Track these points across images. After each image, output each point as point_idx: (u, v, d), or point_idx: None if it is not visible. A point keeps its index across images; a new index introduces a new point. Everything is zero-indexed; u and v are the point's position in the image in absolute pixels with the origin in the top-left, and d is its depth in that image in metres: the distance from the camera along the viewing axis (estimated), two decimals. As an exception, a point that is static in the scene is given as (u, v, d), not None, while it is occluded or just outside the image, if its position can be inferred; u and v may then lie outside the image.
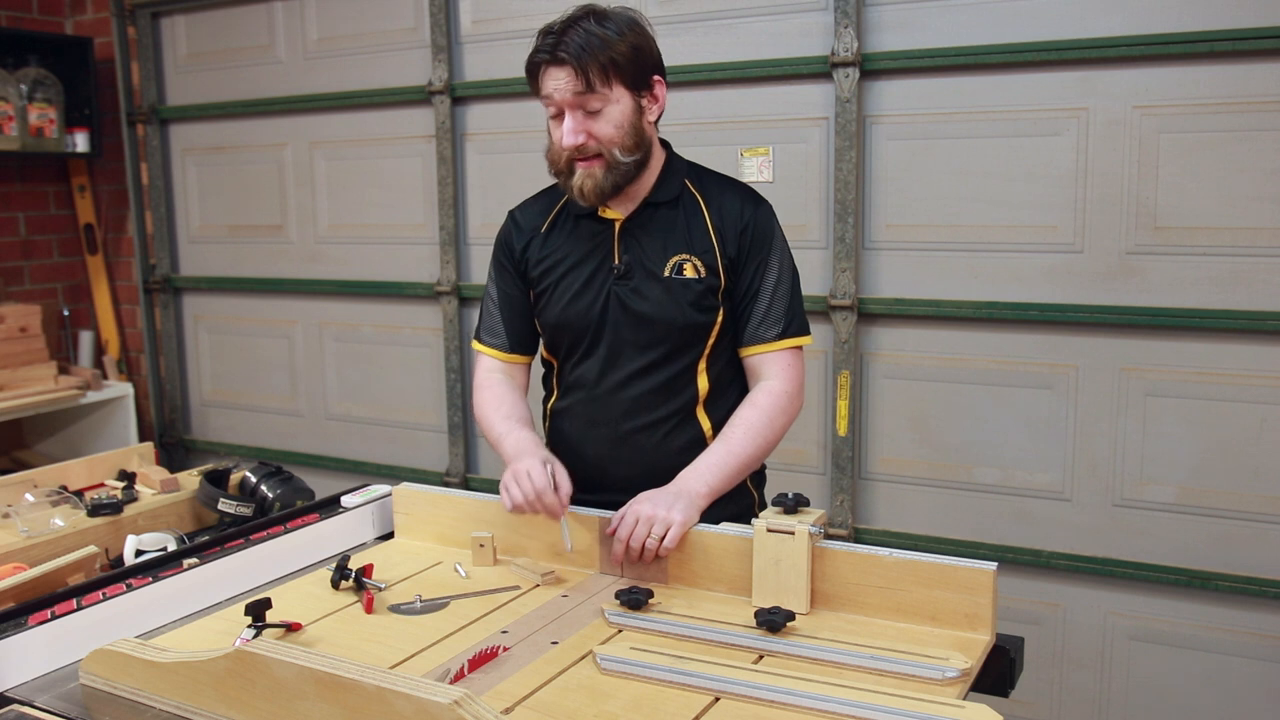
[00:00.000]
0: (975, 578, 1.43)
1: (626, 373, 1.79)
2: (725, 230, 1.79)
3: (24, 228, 4.05)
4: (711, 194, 1.82)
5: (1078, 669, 2.62)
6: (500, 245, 1.91)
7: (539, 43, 1.69)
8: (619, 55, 1.67)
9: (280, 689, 1.16)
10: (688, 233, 1.79)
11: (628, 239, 1.79)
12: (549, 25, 1.70)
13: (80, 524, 1.92)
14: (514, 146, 3.17)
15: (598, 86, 1.66)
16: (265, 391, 3.79)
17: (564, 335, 1.84)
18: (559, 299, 1.82)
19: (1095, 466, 2.54)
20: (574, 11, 1.71)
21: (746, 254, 1.79)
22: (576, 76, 1.65)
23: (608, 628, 1.48)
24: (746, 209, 1.80)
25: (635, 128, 1.72)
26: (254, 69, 3.62)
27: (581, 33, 1.66)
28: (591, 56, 1.65)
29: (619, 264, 1.79)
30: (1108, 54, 2.40)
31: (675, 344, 1.78)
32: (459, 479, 3.35)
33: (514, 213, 1.93)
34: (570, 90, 1.66)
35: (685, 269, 1.77)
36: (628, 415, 1.80)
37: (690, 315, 1.77)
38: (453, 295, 3.29)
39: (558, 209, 1.87)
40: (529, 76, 1.72)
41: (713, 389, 1.82)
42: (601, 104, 1.68)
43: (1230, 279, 2.37)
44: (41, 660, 1.39)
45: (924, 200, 2.64)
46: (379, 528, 1.93)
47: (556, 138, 1.72)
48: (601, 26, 1.67)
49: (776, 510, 1.55)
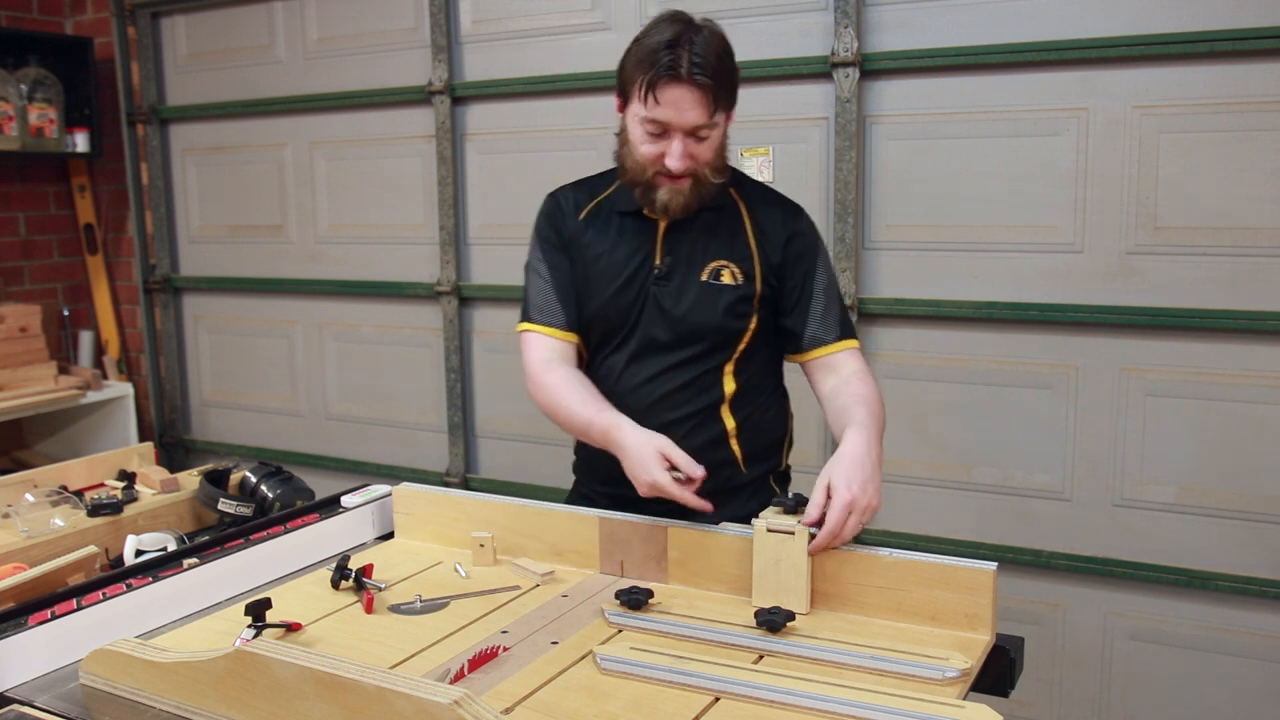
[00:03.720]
0: (975, 578, 1.43)
1: (653, 369, 1.80)
2: (766, 239, 1.80)
3: (24, 228, 4.04)
4: (753, 203, 1.83)
5: (1078, 669, 2.62)
6: (546, 223, 1.88)
7: (667, 56, 1.62)
8: (733, 77, 1.68)
9: (280, 689, 1.16)
10: (729, 239, 1.80)
11: (671, 240, 1.80)
12: (671, 37, 1.64)
13: (80, 524, 1.92)
14: (514, 146, 3.17)
15: (716, 115, 1.67)
16: (265, 391, 3.79)
17: (597, 328, 1.84)
18: (597, 293, 1.82)
19: (1095, 466, 2.54)
20: (682, 27, 1.66)
21: (794, 263, 1.80)
22: (704, 104, 1.64)
23: (608, 628, 1.48)
24: (789, 219, 1.82)
25: (724, 147, 1.75)
26: (254, 69, 3.62)
27: (705, 52, 1.63)
28: (722, 86, 1.65)
29: (661, 265, 1.79)
30: (1108, 54, 2.40)
31: (705, 346, 1.79)
32: (459, 479, 3.35)
33: (557, 195, 1.90)
34: (695, 118, 1.65)
35: (723, 275, 1.78)
36: (651, 411, 1.78)
37: (723, 320, 1.78)
38: (453, 295, 3.29)
39: (598, 201, 1.86)
40: (625, 84, 1.69)
41: (740, 390, 1.82)
42: (710, 130, 1.68)
43: (1230, 279, 2.37)
44: (41, 660, 1.39)
45: (924, 200, 2.64)
46: (379, 528, 1.93)
47: (650, 152, 1.69)
48: (724, 49, 1.66)
49: (776, 510, 1.56)
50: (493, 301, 3.27)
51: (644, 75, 1.65)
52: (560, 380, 1.79)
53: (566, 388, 1.77)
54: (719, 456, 1.80)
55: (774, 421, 1.90)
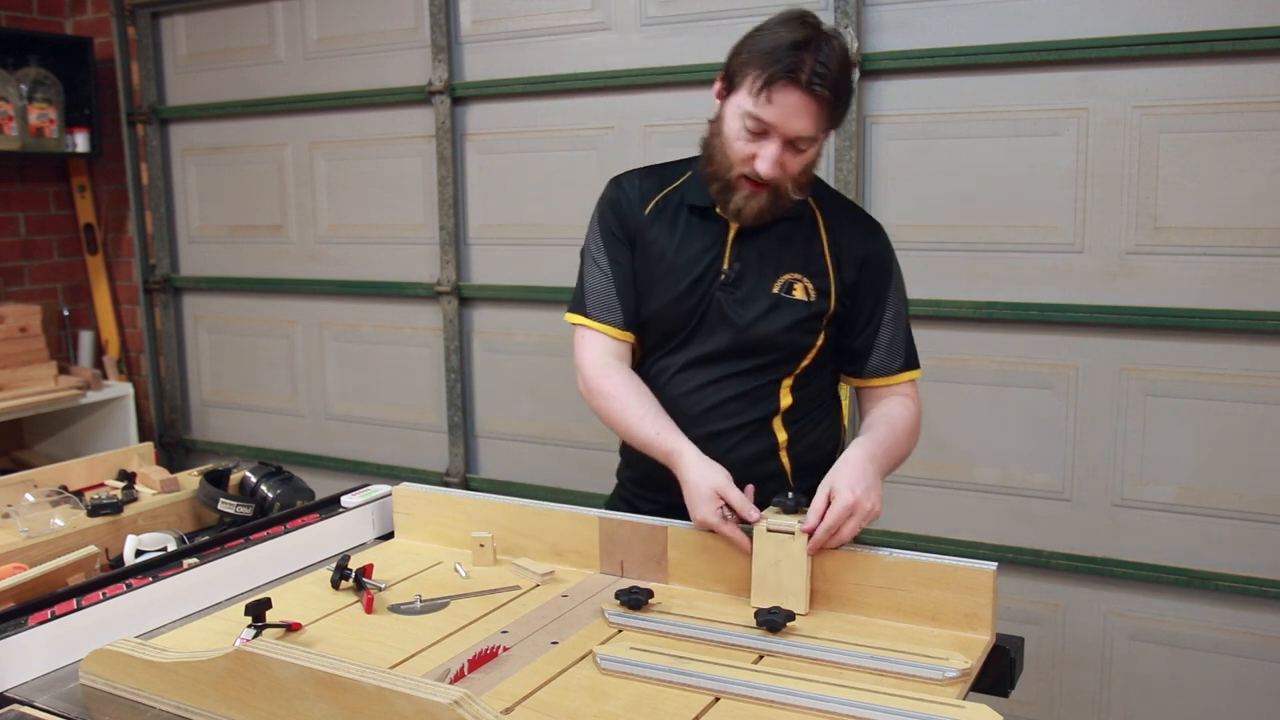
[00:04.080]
0: (975, 578, 1.43)
1: (709, 377, 1.73)
2: (843, 256, 1.72)
3: (24, 228, 4.04)
4: (831, 215, 1.75)
5: (1078, 669, 2.62)
6: (610, 212, 1.78)
7: (791, 58, 1.54)
8: (849, 102, 1.62)
9: (280, 689, 1.16)
10: (804, 252, 1.72)
11: (741, 246, 1.71)
12: (801, 39, 1.55)
13: (80, 524, 1.92)
14: (514, 146, 3.17)
15: (822, 131, 1.60)
16: (265, 391, 3.79)
17: (656, 328, 1.76)
18: (660, 293, 1.74)
19: (1095, 466, 2.54)
20: (811, 31, 1.56)
21: (868, 286, 1.73)
22: (818, 116, 1.57)
23: (608, 628, 1.48)
24: (868, 238, 1.75)
25: (815, 165, 1.68)
26: (254, 69, 3.62)
27: (831, 63, 1.54)
28: (839, 103, 1.58)
29: (729, 270, 1.71)
30: (1108, 54, 2.40)
31: (768, 360, 1.72)
32: (459, 479, 3.35)
33: (621, 181, 1.81)
34: (803, 127, 1.57)
35: (795, 289, 1.70)
36: (701, 418, 1.72)
37: (791, 336, 1.71)
38: (453, 295, 3.29)
39: (667, 192, 1.77)
40: (738, 75, 1.60)
41: (795, 404, 1.76)
42: (810, 145, 1.61)
43: (1230, 279, 2.37)
44: (41, 660, 1.39)
45: (924, 200, 2.64)
46: (379, 528, 1.93)
47: (744, 151, 1.61)
48: (846, 64, 1.58)
49: (776, 510, 1.55)
50: (493, 301, 3.27)
51: (761, 70, 1.55)
52: (618, 387, 1.72)
53: (627, 398, 1.71)
54: (768, 469, 1.74)
55: (826, 435, 1.83)
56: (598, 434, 3.11)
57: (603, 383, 1.74)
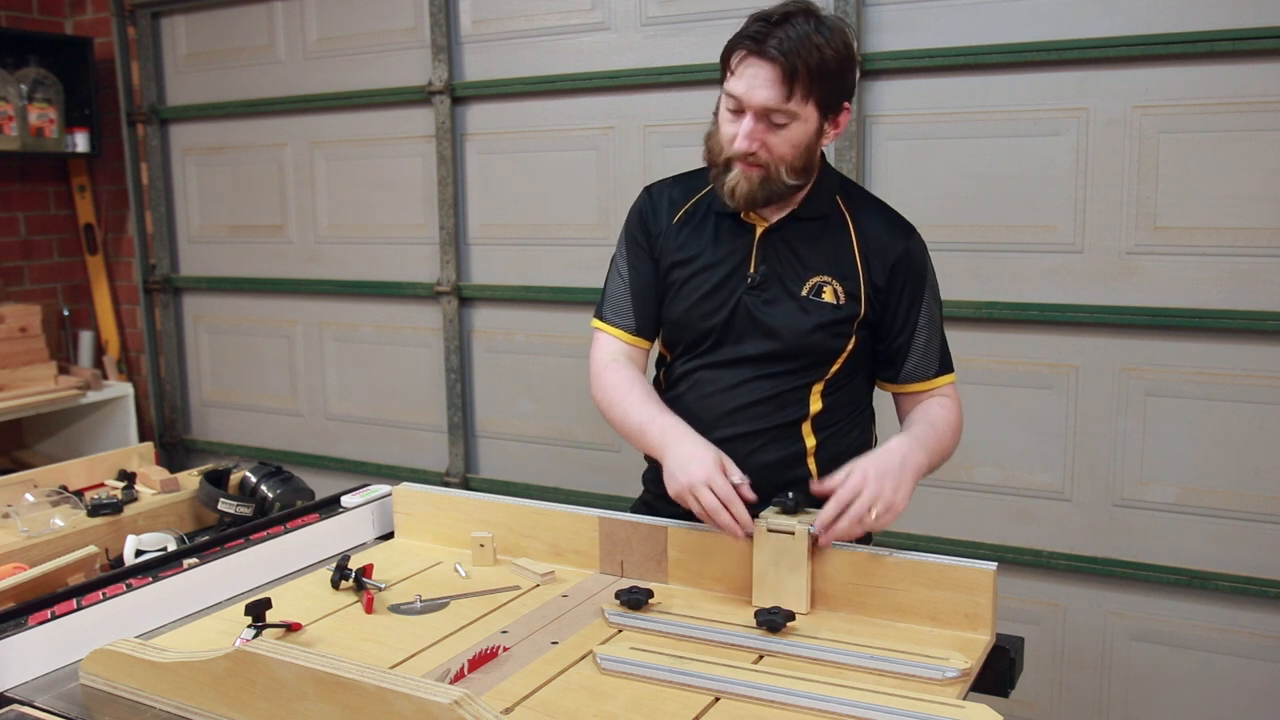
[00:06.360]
0: (975, 578, 1.43)
1: (737, 380, 1.71)
2: (873, 258, 1.69)
3: (24, 228, 4.04)
4: (861, 216, 1.72)
5: (1078, 669, 2.62)
6: (636, 221, 1.79)
7: (748, 27, 1.55)
8: (828, 73, 1.54)
9: (280, 689, 1.16)
10: (832, 254, 1.69)
11: (767, 248, 1.69)
12: (764, 12, 1.55)
13: (80, 524, 1.92)
14: (514, 146, 3.17)
15: (794, 100, 1.54)
16: (265, 391, 3.79)
17: (684, 334, 1.75)
18: (686, 297, 1.72)
19: (1095, 466, 2.54)
20: (794, 9, 1.55)
21: (900, 289, 1.70)
22: (779, 84, 1.53)
23: (608, 628, 1.48)
24: (899, 239, 1.70)
25: (809, 150, 1.62)
26: (254, 69, 3.62)
27: (799, 34, 1.52)
28: (803, 65, 1.52)
29: (755, 273, 1.69)
30: (1108, 54, 2.40)
31: (796, 364, 1.69)
32: (459, 479, 3.35)
33: (652, 190, 1.81)
34: (767, 97, 1.54)
35: (824, 292, 1.67)
36: (728, 421, 1.70)
37: (820, 339, 1.67)
38: (453, 295, 3.29)
39: (696, 199, 1.76)
40: (723, 58, 1.59)
41: (825, 409, 1.72)
42: (788, 119, 1.56)
43: (1230, 279, 2.37)
44: (41, 660, 1.39)
45: (924, 200, 2.64)
46: (379, 528, 1.93)
47: (728, 133, 1.60)
48: (820, 34, 1.53)
49: (776, 510, 1.55)
50: (492, 302, 3.27)
51: (734, 47, 1.57)
52: (619, 379, 1.73)
53: (625, 386, 1.71)
54: (794, 474, 1.71)
55: (856, 443, 1.78)
56: (598, 434, 3.11)
57: (605, 377, 1.75)
